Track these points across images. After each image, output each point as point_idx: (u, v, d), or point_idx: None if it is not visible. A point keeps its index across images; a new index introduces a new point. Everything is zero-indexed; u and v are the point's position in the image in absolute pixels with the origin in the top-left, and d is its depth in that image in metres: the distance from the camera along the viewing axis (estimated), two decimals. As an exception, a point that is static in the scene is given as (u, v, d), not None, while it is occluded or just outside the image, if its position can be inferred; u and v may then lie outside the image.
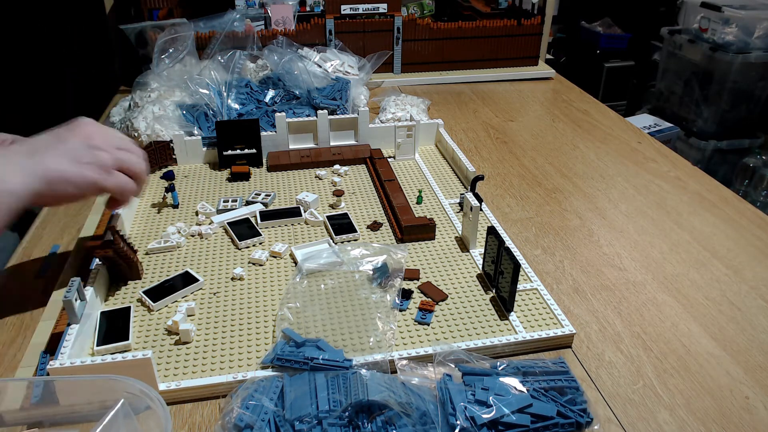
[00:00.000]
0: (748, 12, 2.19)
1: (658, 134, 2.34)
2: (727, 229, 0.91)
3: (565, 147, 1.18)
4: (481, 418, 0.53)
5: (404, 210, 0.88)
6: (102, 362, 0.56)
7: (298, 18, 1.47)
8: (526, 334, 0.67)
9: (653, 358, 0.66)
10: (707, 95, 2.35)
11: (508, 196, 1.00)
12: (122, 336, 0.65)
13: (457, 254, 0.82)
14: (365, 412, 0.54)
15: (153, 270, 0.78)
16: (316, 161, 1.05)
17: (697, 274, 0.80)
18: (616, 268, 0.81)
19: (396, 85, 1.50)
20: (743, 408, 0.60)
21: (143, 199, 0.95)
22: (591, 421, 0.56)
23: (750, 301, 0.75)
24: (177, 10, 1.50)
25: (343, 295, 0.73)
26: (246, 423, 0.52)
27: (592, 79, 2.91)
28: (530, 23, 1.53)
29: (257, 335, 0.67)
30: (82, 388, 0.53)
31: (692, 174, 1.08)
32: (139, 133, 1.10)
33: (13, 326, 0.70)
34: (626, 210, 0.96)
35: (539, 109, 1.39)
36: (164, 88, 1.18)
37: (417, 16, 1.56)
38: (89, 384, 0.53)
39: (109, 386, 0.51)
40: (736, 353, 0.67)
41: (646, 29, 2.88)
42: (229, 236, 0.85)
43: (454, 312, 0.71)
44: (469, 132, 1.24)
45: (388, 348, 0.64)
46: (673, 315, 0.73)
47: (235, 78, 1.23)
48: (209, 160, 1.07)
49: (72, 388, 0.53)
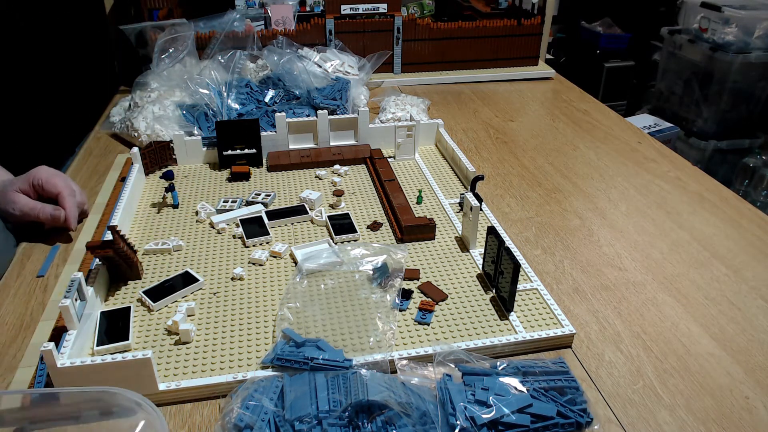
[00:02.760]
0: (748, 12, 2.19)
1: (658, 134, 2.33)
2: (727, 229, 0.91)
3: (565, 147, 1.18)
4: (481, 418, 0.53)
5: (404, 210, 0.88)
6: (102, 362, 0.56)
7: (298, 18, 1.47)
8: (526, 334, 0.67)
9: (653, 358, 0.66)
10: (707, 95, 2.35)
11: (508, 196, 1.00)
12: (122, 336, 0.65)
13: (457, 254, 0.82)
14: (365, 412, 0.54)
15: (153, 270, 0.78)
16: (316, 161, 1.05)
17: (697, 274, 0.80)
18: (616, 268, 0.81)
19: (396, 85, 1.50)
20: (743, 408, 0.60)
21: (143, 198, 0.95)
22: (591, 421, 0.56)
23: (750, 301, 0.75)
24: (177, 10, 1.50)
25: (343, 295, 0.73)
26: (246, 423, 0.52)
27: (592, 79, 2.91)
28: (530, 23, 1.53)
29: (257, 335, 0.67)
30: (79, 396, 0.53)
31: (692, 174, 1.08)
32: (139, 133, 1.10)
33: (13, 326, 0.70)
34: (626, 210, 0.96)
35: (539, 109, 1.39)
36: (164, 88, 1.18)
37: (417, 16, 1.56)
38: (84, 392, 0.53)
39: (106, 396, 0.51)
40: (736, 353, 0.67)
41: (646, 29, 2.88)
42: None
43: (454, 312, 0.71)
44: (469, 132, 1.24)
45: (388, 348, 0.64)
46: (673, 315, 0.73)
47: (235, 78, 1.23)
48: (209, 160, 1.07)
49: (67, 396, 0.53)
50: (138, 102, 1.16)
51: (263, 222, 0.87)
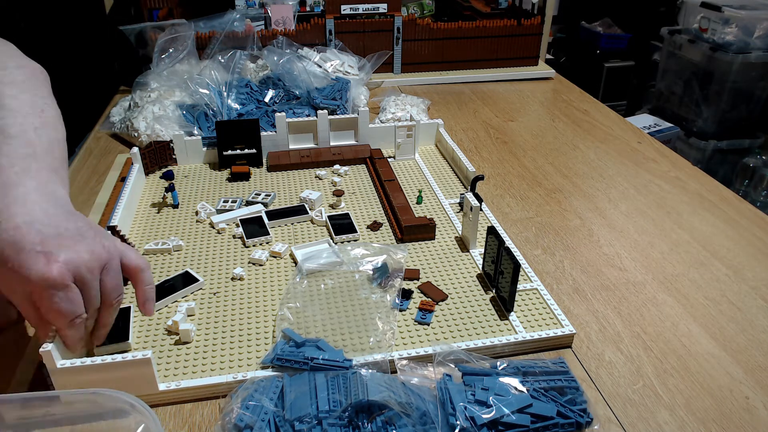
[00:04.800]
0: (748, 12, 2.19)
1: (658, 134, 2.33)
2: (727, 229, 0.91)
3: (565, 147, 1.18)
4: (481, 418, 0.53)
5: (404, 210, 0.88)
6: (102, 362, 0.56)
7: (298, 18, 1.47)
8: (526, 334, 0.67)
9: (653, 358, 0.66)
10: (707, 95, 2.35)
11: (508, 196, 1.00)
12: (122, 336, 0.65)
13: (457, 254, 0.82)
14: (365, 412, 0.54)
15: (153, 270, 0.78)
16: (316, 161, 1.05)
17: (697, 274, 0.80)
18: (616, 268, 0.81)
19: (396, 85, 1.50)
20: (743, 408, 0.60)
21: (143, 198, 0.95)
22: (591, 421, 0.56)
23: (750, 301, 0.75)
24: (177, 10, 1.50)
25: (343, 295, 0.73)
26: (246, 423, 0.52)
27: (592, 79, 2.91)
28: (530, 23, 1.53)
29: (257, 335, 0.67)
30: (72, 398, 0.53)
31: (692, 174, 1.08)
32: (139, 133, 1.10)
33: (12, 326, 0.70)
34: (626, 210, 0.96)
35: (539, 109, 1.39)
36: (164, 88, 1.18)
37: (417, 16, 1.56)
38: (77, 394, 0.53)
39: (99, 398, 0.50)
40: (736, 353, 0.67)
41: (646, 29, 2.88)
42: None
43: (454, 312, 0.71)
44: (469, 132, 1.24)
45: (388, 348, 0.64)
46: (673, 315, 0.73)
47: (235, 78, 1.23)
48: (209, 160, 1.07)
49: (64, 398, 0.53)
50: (138, 102, 1.16)
51: (263, 222, 0.87)
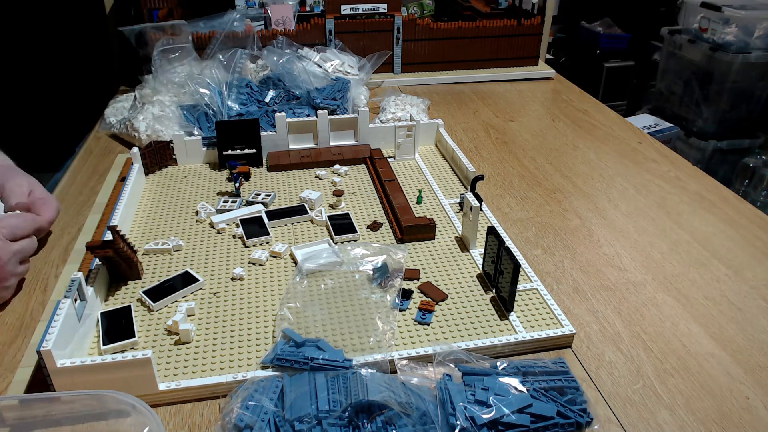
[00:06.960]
0: (748, 12, 2.19)
1: (658, 134, 2.33)
2: (727, 229, 0.91)
3: (565, 147, 1.18)
4: (481, 418, 0.53)
5: (404, 210, 0.88)
6: (102, 362, 0.56)
7: (298, 18, 1.47)
8: (526, 334, 0.67)
9: (653, 358, 0.66)
10: (707, 95, 2.35)
11: (508, 196, 1.00)
12: (128, 334, 0.65)
13: (457, 254, 0.82)
14: (365, 412, 0.54)
15: (153, 270, 0.78)
16: (316, 161, 1.05)
17: (697, 274, 0.80)
18: (616, 268, 0.81)
19: (396, 85, 1.50)
20: (743, 408, 0.60)
21: (143, 198, 0.95)
22: (591, 421, 0.56)
23: (750, 301, 0.75)
24: (177, 10, 1.50)
25: (343, 295, 0.73)
26: (246, 423, 0.52)
27: (592, 79, 2.91)
28: (530, 23, 1.53)
29: (257, 335, 0.67)
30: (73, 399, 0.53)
31: (692, 174, 1.08)
32: (139, 133, 1.10)
33: (12, 326, 0.70)
34: (626, 210, 0.96)
35: (539, 109, 1.39)
36: (164, 88, 1.18)
37: (417, 16, 1.56)
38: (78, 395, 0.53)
39: (101, 399, 0.51)
40: (736, 353, 0.67)
41: (646, 29, 2.88)
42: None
43: (454, 312, 0.71)
44: (469, 132, 1.24)
45: (388, 348, 0.64)
46: (673, 315, 0.73)
47: (235, 78, 1.23)
48: (209, 160, 1.07)
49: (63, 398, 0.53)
50: (138, 102, 1.16)
51: (263, 222, 0.87)
